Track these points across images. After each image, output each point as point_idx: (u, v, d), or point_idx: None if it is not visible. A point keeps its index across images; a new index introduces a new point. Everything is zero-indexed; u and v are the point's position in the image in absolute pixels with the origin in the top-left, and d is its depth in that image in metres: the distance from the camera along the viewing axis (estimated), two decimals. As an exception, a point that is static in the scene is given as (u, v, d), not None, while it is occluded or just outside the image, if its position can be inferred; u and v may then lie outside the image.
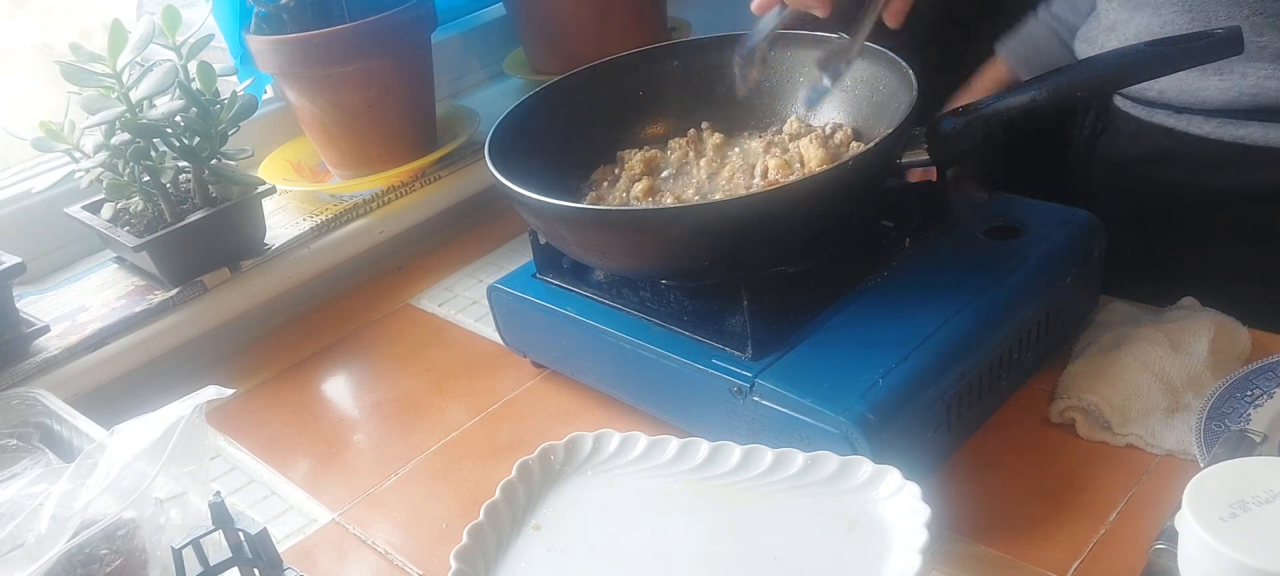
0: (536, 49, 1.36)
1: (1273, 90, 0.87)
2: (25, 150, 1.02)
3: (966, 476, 0.76)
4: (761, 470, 0.68)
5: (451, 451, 0.88)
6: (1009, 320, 0.78)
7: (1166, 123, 0.95)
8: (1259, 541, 0.48)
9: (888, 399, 0.70)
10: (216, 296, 1.03)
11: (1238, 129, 0.90)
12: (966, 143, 0.81)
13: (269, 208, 1.11)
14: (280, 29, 1.10)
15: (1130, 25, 0.95)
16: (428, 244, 1.19)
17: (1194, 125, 0.93)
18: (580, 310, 0.86)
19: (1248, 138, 0.89)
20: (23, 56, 1.19)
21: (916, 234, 0.85)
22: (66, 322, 0.98)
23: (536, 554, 0.67)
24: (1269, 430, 0.70)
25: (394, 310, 1.10)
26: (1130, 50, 0.79)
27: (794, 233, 0.79)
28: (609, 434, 0.73)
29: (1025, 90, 0.79)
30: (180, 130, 0.98)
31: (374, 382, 1.01)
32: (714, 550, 0.65)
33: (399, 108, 1.16)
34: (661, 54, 1.00)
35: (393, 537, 0.80)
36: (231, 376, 1.02)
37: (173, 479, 0.68)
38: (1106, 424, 0.76)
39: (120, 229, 1.01)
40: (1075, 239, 0.84)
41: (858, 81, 0.92)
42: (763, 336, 0.76)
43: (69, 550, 0.62)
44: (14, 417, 0.84)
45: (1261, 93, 0.87)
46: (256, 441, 0.93)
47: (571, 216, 0.81)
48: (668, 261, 0.82)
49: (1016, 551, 0.69)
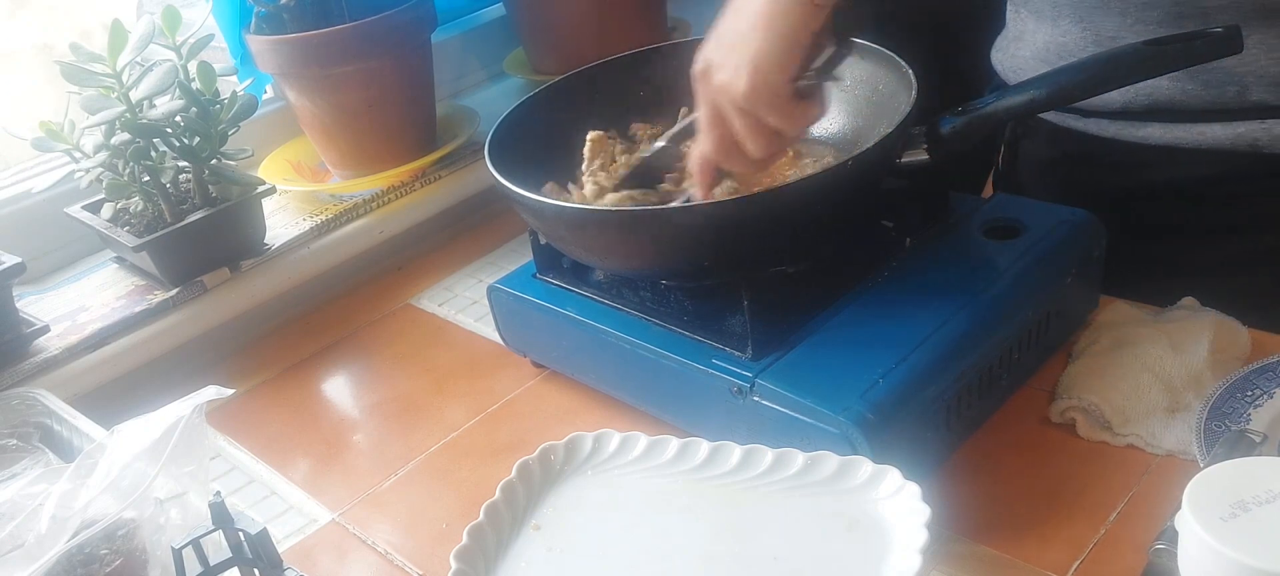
0: (536, 49, 1.36)
1: (1164, 91, 0.89)
2: (25, 150, 1.02)
3: (966, 476, 0.76)
4: (761, 470, 0.68)
5: (451, 451, 0.88)
6: (1009, 320, 0.78)
7: (1076, 126, 0.97)
8: (1259, 541, 0.48)
9: (888, 399, 0.70)
10: (216, 296, 1.03)
11: (1138, 130, 0.92)
12: (966, 143, 0.81)
13: (269, 208, 1.11)
14: (280, 29, 1.10)
15: (1037, 35, 0.97)
16: (428, 244, 1.19)
17: (1101, 127, 0.95)
18: (580, 310, 0.86)
19: (1148, 137, 0.91)
20: (23, 56, 1.19)
21: (916, 234, 0.85)
22: (66, 322, 0.98)
23: (536, 554, 0.67)
24: (1269, 430, 0.70)
25: (394, 310, 1.10)
26: (1126, 50, 0.79)
27: (794, 233, 0.79)
28: (609, 434, 0.73)
29: (1025, 90, 0.79)
30: (180, 130, 0.98)
31: (374, 382, 1.01)
32: (714, 550, 0.65)
33: (399, 108, 1.16)
34: (661, 54, 1.00)
35: (393, 537, 0.80)
36: (231, 376, 1.02)
37: (173, 479, 0.68)
38: (1107, 424, 0.76)
39: (120, 229, 1.01)
40: (1075, 239, 0.84)
41: (857, 81, 0.92)
42: (763, 336, 0.76)
43: (69, 550, 0.62)
44: (14, 417, 0.84)
45: (1155, 93, 0.89)
46: (256, 441, 0.93)
47: (571, 216, 0.81)
48: (668, 261, 0.82)
49: (1016, 551, 0.69)
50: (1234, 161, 0.88)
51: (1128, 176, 0.95)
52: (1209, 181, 0.91)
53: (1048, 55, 0.95)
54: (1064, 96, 0.81)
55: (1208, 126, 0.88)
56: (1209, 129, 0.88)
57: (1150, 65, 0.78)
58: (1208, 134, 0.88)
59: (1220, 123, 0.88)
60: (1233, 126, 0.87)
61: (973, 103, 0.81)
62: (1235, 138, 0.87)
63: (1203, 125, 0.89)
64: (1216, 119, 0.88)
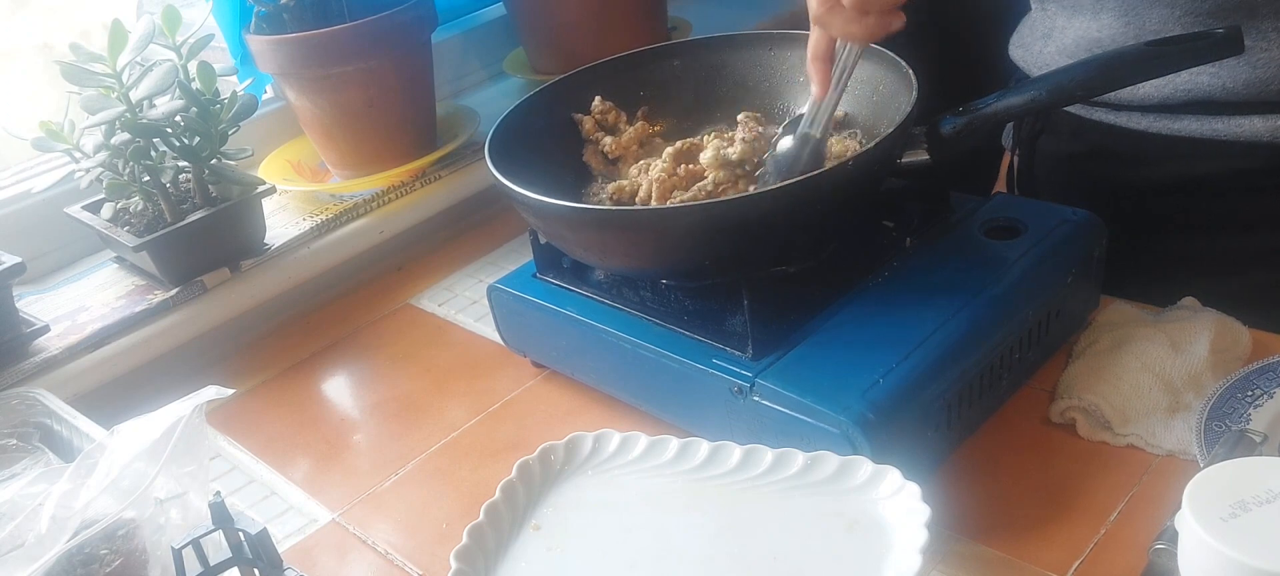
0: (536, 49, 1.36)
1: (1204, 84, 0.89)
2: (25, 150, 1.02)
3: (966, 476, 0.76)
4: (761, 470, 0.68)
5: (451, 451, 0.88)
6: (1009, 320, 0.78)
7: (1106, 119, 0.97)
8: (1259, 541, 0.48)
9: (888, 399, 0.70)
10: (216, 296, 1.03)
11: (1173, 122, 0.92)
12: (967, 143, 0.81)
13: (269, 208, 1.11)
14: (280, 29, 1.10)
15: (1068, 31, 0.96)
16: (428, 244, 1.19)
17: (1133, 121, 0.95)
18: (580, 310, 0.86)
19: (1183, 130, 0.92)
20: (23, 56, 1.19)
21: (917, 234, 0.85)
22: (66, 322, 0.98)
23: (536, 554, 0.67)
24: (1269, 430, 0.70)
25: (394, 310, 1.10)
26: (1129, 50, 0.79)
27: (794, 232, 0.79)
28: (609, 434, 0.73)
29: (1025, 90, 0.79)
30: (180, 130, 0.98)
31: (374, 382, 1.01)
32: (714, 550, 0.65)
33: (399, 108, 1.16)
34: (661, 54, 1.00)
35: (393, 537, 0.80)
36: (231, 376, 1.02)
37: (173, 479, 0.68)
38: (1107, 424, 0.76)
39: (120, 229, 1.01)
40: (1075, 238, 0.84)
41: (858, 81, 0.91)
42: (763, 336, 0.76)
43: (69, 550, 0.62)
44: (14, 417, 0.84)
45: (1195, 87, 0.89)
46: (256, 441, 0.93)
47: (571, 216, 0.81)
48: (668, 261, 0.82)
49: (1016, 551, 0.69)
50: (1266, 155, 0.89)
51: (1154, 170, 0.95)
52: (1238, 175, 0.91)
53: (1081, 50, 0.95)
54: (1065, 96, 0.81)
55: (1247, 119, 0.89)
56: (1248, 122, 0.89)
57: (1153, 65, 0.78)
58: (1246, 127, 0.89)
59: (1260, 116, 0.88)
60: (1271, 119, 0.88)
61: (974, 103, 0.81)
62: (1274, 131, 0.88)
63: (1242, 118, 0.89)
64: (1257, 111, 0.88)
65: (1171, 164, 0.94)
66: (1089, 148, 1.00)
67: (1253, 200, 0.92)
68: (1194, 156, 0.92)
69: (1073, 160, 1.03)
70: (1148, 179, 0.95)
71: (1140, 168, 0.96)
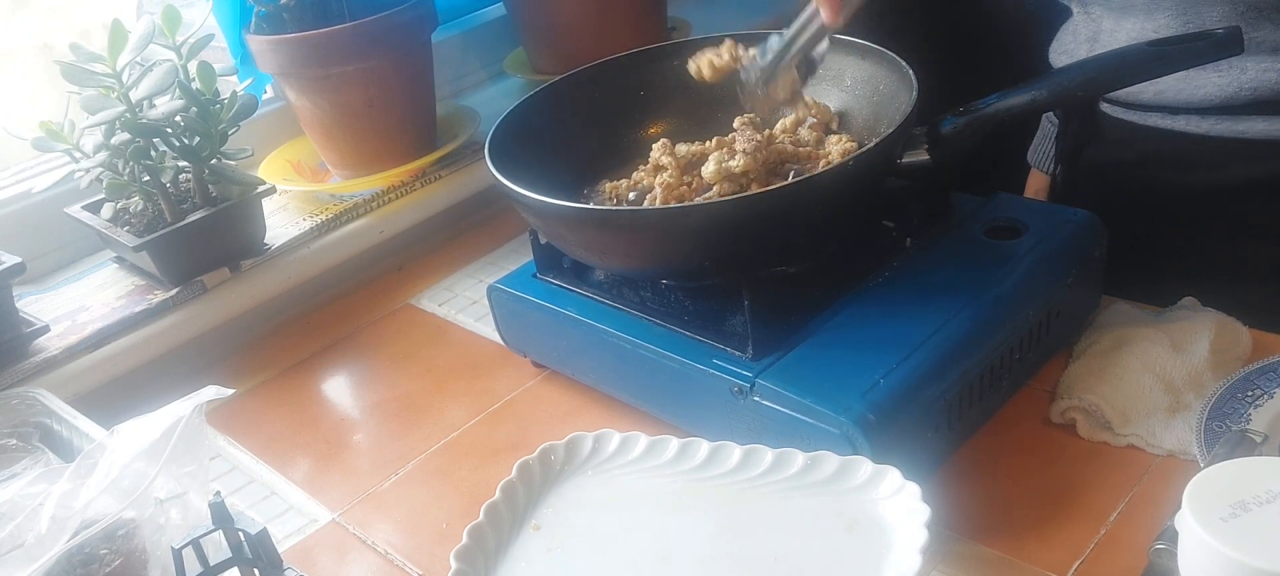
0: (536, 49, 1.36)
1: (1272, 82, 0.87)
2: (25, 150, 1.02)
3: (966, 476, 0.75)
4: (761, 470, 0.68)
5: (451, 451, 0.88)
6: (1009, 320, 0.78)
7: (1161, 124, 0.95)
8: (1259, 541, 0.48)
9: (888, 399, 0.70)
10: (216, 296, 1.03)
11: (1237, 124, 0.90)
12: (967, 143, 0.81)
13: (269, 208, 1.11)
14: (280, 29, 1.10)
15: (1118, 33, 0.94)
16: (428, 244, 1.19)
17: (1191, 124, 0.93)
18: (580, 310, 0.86)
19: (1249, 132, 0.90)
20: (23, 56, 1.19)
21: (917, 234, 0.85)
22: (66, 322, 0.98)
23: (536, 554, 0.67)
24: (1269, 430, 0.70)
25: (394, 310, 1.10)
26: (1131, 51, 0.79)
27: (794, 232, 0.79)
28: (609, 434, 0.73)
29: (1026, 90, 0.79)
30: (180, 130, 0.98)
31: (374, 382, 1.01)
32: (714, 550, 0.65)
33: (399, 108, 1.16)
34: (661, 54, 1.00)
35: (393, 537, 0.80)
36: (231, 376, 1.02)
37: (173, 479, 0.68)
38: (1107, 424, 0.76)
39: (120, 229, 1.01)
40: (1075, 239, 0.84)
41: (858, 81, 0.92)
42: (763, 336, 0.76)
43: (69, 550, 0.62)
44: (14, 417, 0.84)
45: (1261, 86, 0.87)
46: (256, 441, 0.93)
47: (571, 216, 0.81)
48: (668, 261, 0.82)
49: (1016, 551, 0.69)
50: None
51: (1211, 175, 0.93)
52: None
53: None
54: (1066, 96, 0.81)
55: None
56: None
57: (1155, 66, 0.78)
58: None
59: None
60: None
61: (974, 103, 0.81)
62: None
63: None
64: None
65: (1236, 166, 0.91)
66: (1140, 154, 0.98)
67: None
68: (1259, 157, 0.90)
69: (1121, 168, 1.00)
70: (1206, 182, 0.93)
71: (1198, 171, 0.94)
